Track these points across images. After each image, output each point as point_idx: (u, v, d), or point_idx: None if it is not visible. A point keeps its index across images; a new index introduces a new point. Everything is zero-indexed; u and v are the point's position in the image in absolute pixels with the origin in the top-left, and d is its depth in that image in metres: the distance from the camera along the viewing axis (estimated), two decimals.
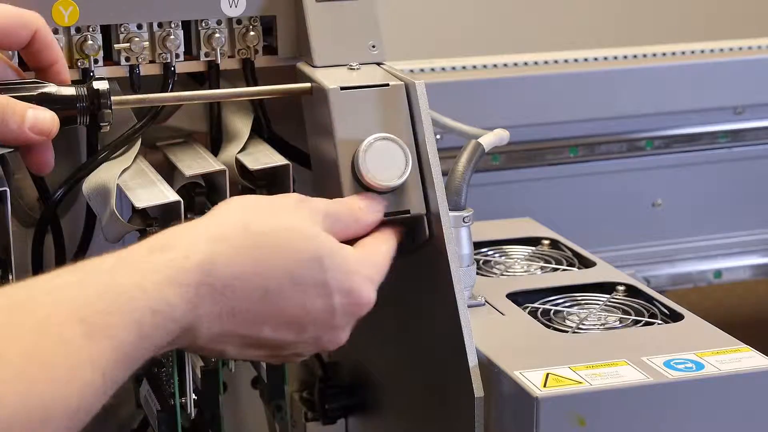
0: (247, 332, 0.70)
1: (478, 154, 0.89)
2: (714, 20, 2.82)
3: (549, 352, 0.81)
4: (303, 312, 0.71)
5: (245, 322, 0.69)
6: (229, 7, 0.90)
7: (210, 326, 0.68)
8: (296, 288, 0.70)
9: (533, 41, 2.65)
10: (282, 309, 0.70)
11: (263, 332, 0.70)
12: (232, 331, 0.69)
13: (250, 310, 0.69)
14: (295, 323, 0.71)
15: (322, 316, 0.72)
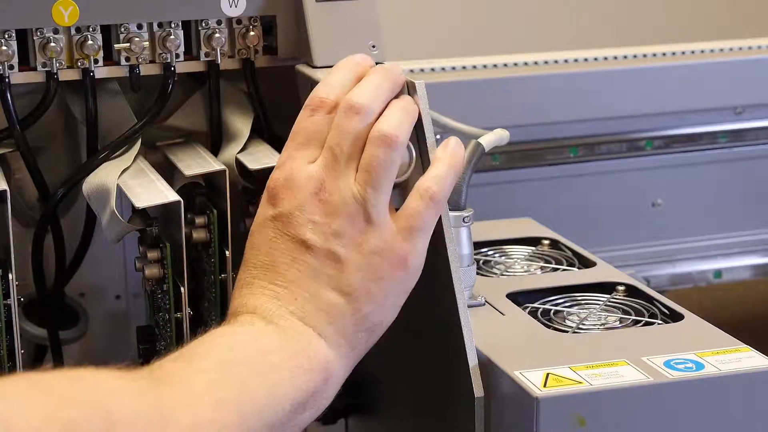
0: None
1: (478, 154, 0.89)
2: (714, 20, 2.82)
3: (549, 352, 0.81)
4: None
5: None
6: (229, 7, 0.90)
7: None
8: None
9: (533, 41, 2.65)
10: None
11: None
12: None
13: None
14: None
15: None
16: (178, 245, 0.88)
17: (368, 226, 0.73)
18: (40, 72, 0.87)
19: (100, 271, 1.01)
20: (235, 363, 0.68)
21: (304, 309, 0.72)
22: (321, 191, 0.73)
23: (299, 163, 0.75)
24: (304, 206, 0.73)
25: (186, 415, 0.62)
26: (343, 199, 0.73)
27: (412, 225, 0.74)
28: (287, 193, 0.74)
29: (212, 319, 0.93)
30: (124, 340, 1.03)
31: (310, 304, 0.72)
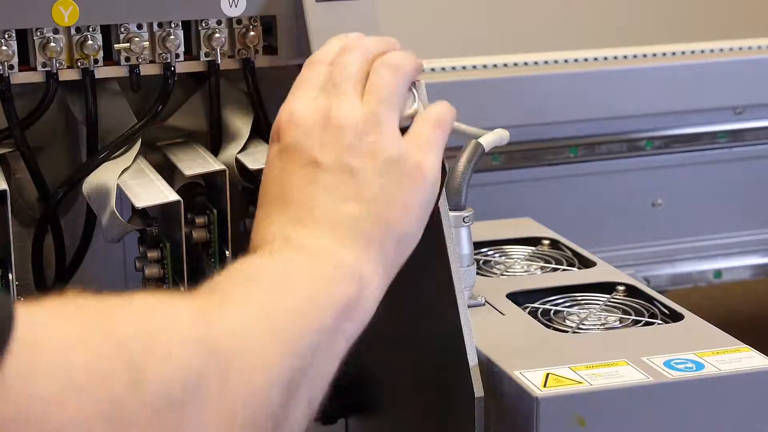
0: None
1: (478, 154, 0.89)
2: (714, 20, 2.82)
3: (549, 352, 0.81)
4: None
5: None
6: (229, 7, 0.90)
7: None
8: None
9: (533, 41, 2.65)
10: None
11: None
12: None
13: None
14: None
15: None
16: (178, 245, 0.88)
17: (380, 138, 0.71)
18: (40, 72, 0.87)
19: (100, 271, 1.01)
20: (259, 287, 0.65)
21: (324, 225, 0.69)
22: (327, 117, 0.72)
23: (302, 100, 0.73)
24: (311, 132, 0.71)
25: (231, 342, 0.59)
26: (351, 118, 0.71)
27: (421, 143, 0.73)
28: (292, 126, 0.72)
29: None
30: None
31: (330, 219, 0.69)
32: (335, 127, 0.71)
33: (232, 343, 0.58)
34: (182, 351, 0.54)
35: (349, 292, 0.66)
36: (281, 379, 0.59)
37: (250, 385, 0.57)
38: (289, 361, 0.60)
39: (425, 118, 0.75)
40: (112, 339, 0.52)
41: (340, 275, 0.67)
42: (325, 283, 0.66)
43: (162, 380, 0.52)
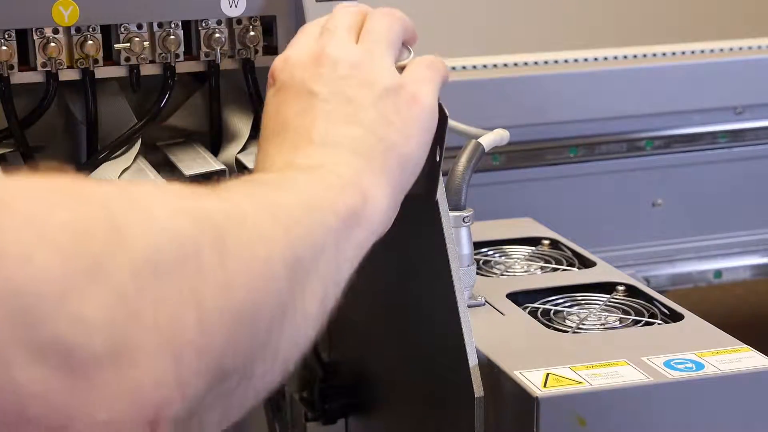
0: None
1: (478, 154, 0.89)
2: (714, 20, 2.82)
3: (549, 352, 0.81)
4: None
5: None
6: (229, 7, 0.90)
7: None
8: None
9: (533, 41, 2.65)
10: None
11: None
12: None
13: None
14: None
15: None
16: None
17: (375, 70, 0.71)
18: (40, 72, 0.87)
19: None
20: (260, 186, 0.63)
21: (324, 147, 0.68)
22: (321, 54, 0.72)
23: (296, 47, 0.74)
24: (305, 67, 0.71)
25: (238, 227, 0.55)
26: (346, 53, 0.72)
27: (416, 78, 0.73)
28: (286, 66, 0.72)
29: None
30: None
31: (329, 141, 0.68)
32: (330, 60, 0.71)
33: (227, 217, 0.53)
34: (171, 217, 0.50)
35: (353, 201, 0.65)
36: (285, 256, 0.56)
37: (249, 254, 0.53)
38: (293, 242, 0.57)
39: (418, 61, 0.75)
40: (91, 201, 0.47)
41: (341, 186, 0.65)
42: (328, 192, 0.64)
43: (147, 244, 0.47)
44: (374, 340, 0.98)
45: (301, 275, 0.57)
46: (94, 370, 0.43)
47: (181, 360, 0.47)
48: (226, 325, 0.49)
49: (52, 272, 0.43)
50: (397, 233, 0.90)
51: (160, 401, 0.46)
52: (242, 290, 0.51)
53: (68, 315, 0.43)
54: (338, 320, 1.05)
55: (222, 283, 0.50)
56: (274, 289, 0.54)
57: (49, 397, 0.42)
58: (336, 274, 0.62)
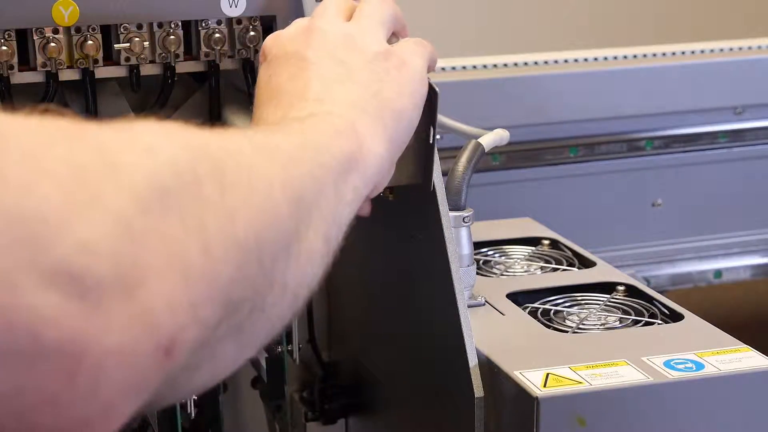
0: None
1: (478, 154, 0.89)
2: (714, 20, 2.82)
3: (549, 352, 0.81)
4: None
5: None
6: (229, 7, 0.90)
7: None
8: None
9: (533, 41, 2.65)
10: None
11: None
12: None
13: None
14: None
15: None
16: None
17: (366, 39, 0.73)
18: (40, 72, 0.87)
19: None
20: (254, 131, 0.63)
21: (319, 101, 0.69)
22: (311, 27, 0.74)
23: (287, 28, 0.75)
24: (296, 38, 0.73)
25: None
26: (337, 26, 0.74)
27: (405, 50, 0.74)
28: (277, 41, 0.74)
29: None
30: None
31: (324, 98, 0.69)
32: (320, 31, 0.73)
33: (225, 152, 0.53)
34: (169, 149, 0.49)
35: (348, 145, 0.65)
36: (286, 190, 0.56)
37: (249, 187, 0.52)
38: (292, 179, 0.57)
39: (406, 39, 0.77)
40: (87, 138, 0.47)
41: (336, 131, 0.65)
42: (323, 135, 0.64)
43: (146, 173, 0.47)
44: (374, 340, 0.98)
45: (303, 211, 0.57)
46: (104, 294, 0.43)
47: (191, 284, 0.46)
48: (232, 254, 0.49)
49: (53, 201, 0.43)
50: (397, 233, 0.90)
51: (174, 325, 0.45)
52: (244, 221, 0.51)
53: (73, 240, 0.42)
54: (338, 320, 1.06)
55: (224, 213, 0.50)
56: (277, 222, 0.54)
57: (62, 323, 0.42)
58: (337, 215, 0.62)
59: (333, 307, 1.06)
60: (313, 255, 0.58)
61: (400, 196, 0.85)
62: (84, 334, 0.42)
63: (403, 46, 0.75)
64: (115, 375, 0.43)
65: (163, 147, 0.49)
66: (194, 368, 0.50)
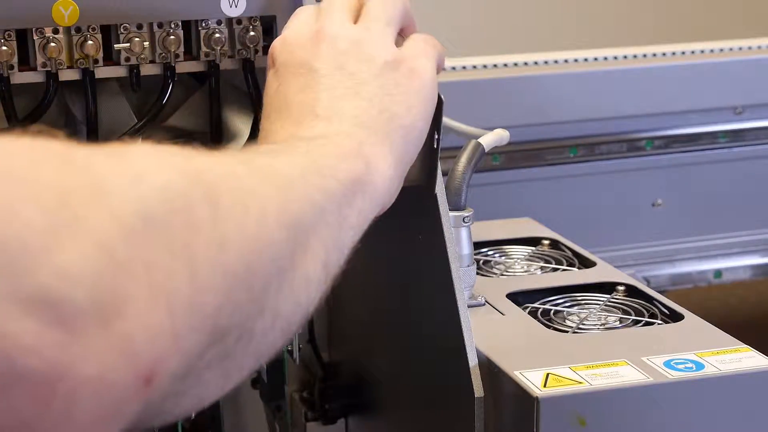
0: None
1: (478, 154, 0.89)
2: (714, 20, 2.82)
3: (549, 352, 0.81)
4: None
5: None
6: (229, 7, 0.90)
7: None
8: None
9: (533, 41, 2.65)
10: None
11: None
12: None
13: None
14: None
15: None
16: None
17: (374, 46, 0.72)
18: (40, 72, 0.87)
19: None
20: (255, 153, 0.62)
21: (327, 120, 0.68)
22: (320, 32, 0.72)
23: (292, 27, 0.74)
24: (305, 46, 0.72)
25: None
26: (345, 30, 0.72)
27: (415, 53, 0.73)
28: (285, 46, 0.73)
29: None
30: None
31: (332, 114, 0.68)
32: (329, 37, 0.72)
33: (220, 176, 0.52)
34: (160, 173, 0.48)
35: (355, 168, 0.64)
36: (282, 216, 0.55)
37: (243, 212, 0.51)
38: (288, 203, 0.56)
39: (415, 36, 0.76)
40: (75, 161, 0.46)
41: (343, 154, 0.65)
42: (328, 159, 0.64)
43: (134, 198, 0.46)
44: (374, 340, 0.98)
45: (300, 237, 0.56)
46: (82, 322, 0.42)
47: (175, 313, 0.46)
48: (220, 282, 0.49)
49: (35, 226, 0.42)
50: (397, 233, 0.90)
51: (155, 355, 0.45)
52: (235, 247, 0.50)
53: (52, 267, 0.42)
54: (338, 320, 1.06)
55: (214, 240, 0.49)
56: (270, 248, 0.53)
57: (39, 351, 0.42)
58: (339, 240, 0.61)
59: (333, 307, 1.06)
60: (309, 281, 0.57)
61: (400, 197, 0.85)
62: (60, 362, 0.42)
63: (412, 49, 0.73)
64: (90, 403, 0.43)
65: (155, 172, 0.48)
66: (179, 395, 0.49)
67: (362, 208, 0.64)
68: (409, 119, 0.70)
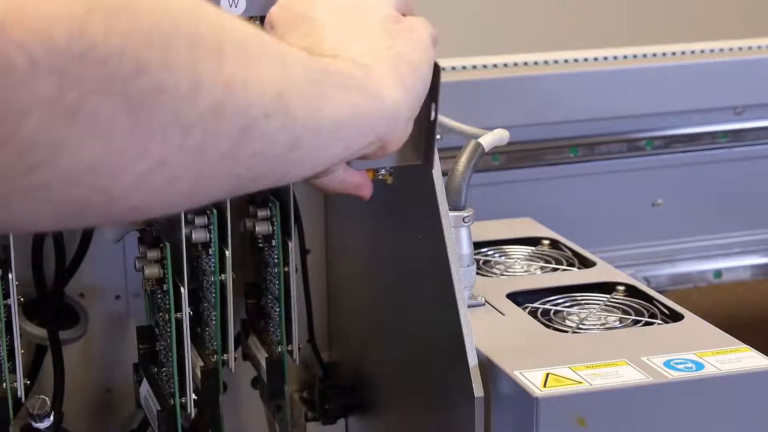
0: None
1: (478, 154, 0.89)
2: (714, 20, 2.82)
3: (549, 352, 0.81)
4: None
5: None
6: (229, 7, 0.90)
7: None
8: None
9: (534, 41, 2.65)
10: None
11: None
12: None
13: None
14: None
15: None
16: (178, 245, 0.88)
17: (375, 3, 0.71)
18: None
19: (100, 271, 1.01)
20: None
21: (334, 56, 0.65)
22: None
23: None
24: (302, 3, 0.70)
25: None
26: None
27: (412, 20, 0.72)
28: (282, 9, 0.71)
29: (212, 319, 0.93)
30: (124, 340, 1.03)
31: (339, 51, 0.65)
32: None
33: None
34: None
35: (351, 68, 0.63)
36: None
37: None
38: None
39: (410, 17, 0.74)
40: None
41: (351, 75, 0.63)
42: (328, 76, 0.61)
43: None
44: (374, 340, 0.98)
45: (280, 100, 0.54)
46: None
47: None
48: None
49: None
50: (397, 233, 0.90)
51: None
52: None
53: None
54: (338, 320, 1.06)
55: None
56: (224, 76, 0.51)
57: None
58: (312, 121, 0.58)
59: (333, 307, 1.06)
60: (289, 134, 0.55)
61: (400, 196, 0.85)
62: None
63: (410, 18, 0.72)
64: None
65: None
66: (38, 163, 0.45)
67: (356, 109, 0.61)
68: (415, 57, 0.69)
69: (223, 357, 0.94)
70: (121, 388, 1.03)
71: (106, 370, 1.03)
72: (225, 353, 0.94)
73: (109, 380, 1.04)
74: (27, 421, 0.92)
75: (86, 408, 1.03)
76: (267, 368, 0.97)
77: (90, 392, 1.03)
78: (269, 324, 0.99)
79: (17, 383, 0.91)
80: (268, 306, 0.99)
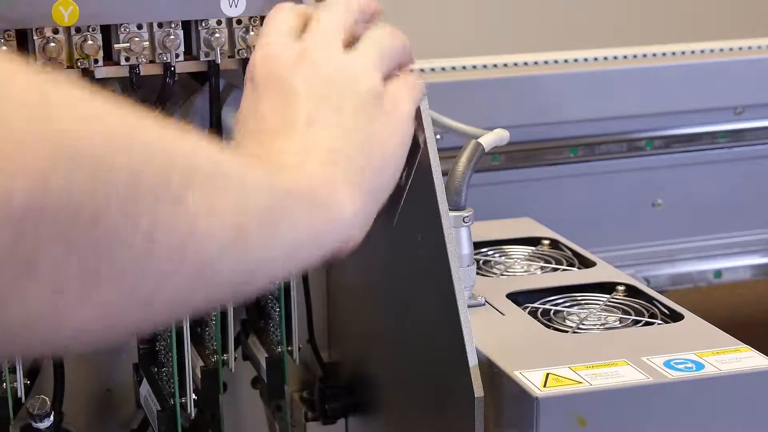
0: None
1: (478, 154, 0.89)
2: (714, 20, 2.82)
3: (549, 352, 0.81)
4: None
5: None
6: (229, 7, 0.90)
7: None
8: None
9: (533, 41, 2.65)
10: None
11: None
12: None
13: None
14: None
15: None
16: None
17: (359, 75, 0.70)
18: None
19: None
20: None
21: (304, 148, 0.66)
22: (304, 53, 0.70)
23: (275, 43, 0.71)
24: (289, 67, 0.70)
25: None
26: (331, 57, 0.70)
27: (397, 91, 0.72)
28: (266, 63, 0.70)
29: (212, 319, 0.93)
30: (124, 340, 1.03)
31: (307, 139, 0.66)
32: (312, 64, 0.70)
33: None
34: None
35: (310, 184, 0.63)
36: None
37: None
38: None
39: (399, 79, 0.74)
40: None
41: (312, 192, 0.63)
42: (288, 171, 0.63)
43: None
44: (374, 340, 0.98)
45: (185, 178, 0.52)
46: None
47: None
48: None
49: None
50: (397, 233, 0.90)
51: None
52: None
53: None
54: (338, 320, 1.06)
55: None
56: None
57: None
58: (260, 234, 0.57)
59: (333, 307, 1.06)
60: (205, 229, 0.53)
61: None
62: None
63: (396, 86, 0.72)
64: None
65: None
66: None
67: (314, 229, 0.62)
68: (392, 141, 0.70)
69: (223, 357, 0.94)
70: (121, 388, 1.03)
71: (106, 370, 1.03)
72: (225, 353, 0.94)
73: (109, 380, 1.04)
74: (27, 421, 0.92)
75: (86, 408, 1.03)
76: (267, 368, 0.97)
77: (90, 392, 1.03)
78: (269, 324, 0.99)
79: (17, 383, 0.91)
80: (268, 306, 0.99)
